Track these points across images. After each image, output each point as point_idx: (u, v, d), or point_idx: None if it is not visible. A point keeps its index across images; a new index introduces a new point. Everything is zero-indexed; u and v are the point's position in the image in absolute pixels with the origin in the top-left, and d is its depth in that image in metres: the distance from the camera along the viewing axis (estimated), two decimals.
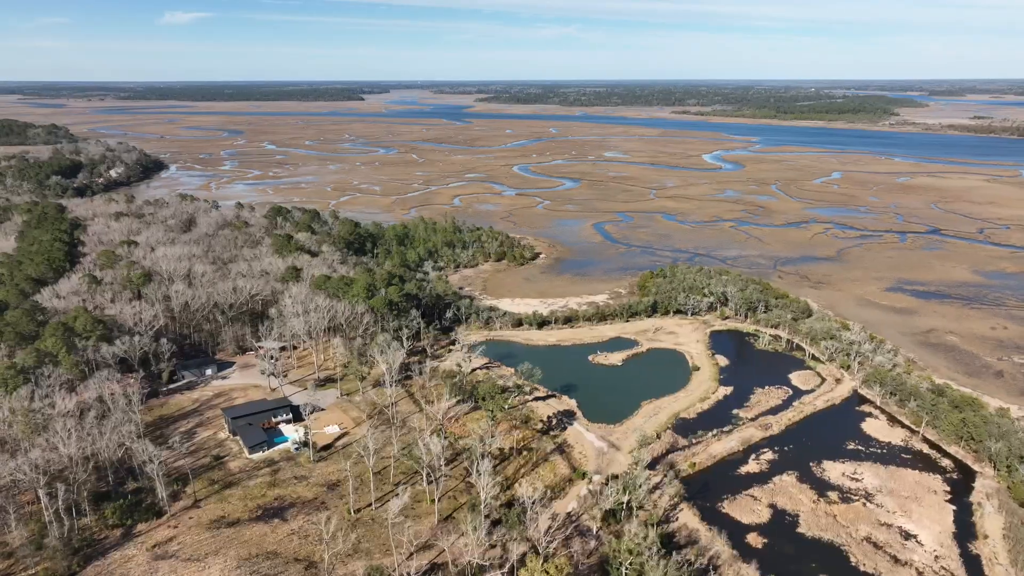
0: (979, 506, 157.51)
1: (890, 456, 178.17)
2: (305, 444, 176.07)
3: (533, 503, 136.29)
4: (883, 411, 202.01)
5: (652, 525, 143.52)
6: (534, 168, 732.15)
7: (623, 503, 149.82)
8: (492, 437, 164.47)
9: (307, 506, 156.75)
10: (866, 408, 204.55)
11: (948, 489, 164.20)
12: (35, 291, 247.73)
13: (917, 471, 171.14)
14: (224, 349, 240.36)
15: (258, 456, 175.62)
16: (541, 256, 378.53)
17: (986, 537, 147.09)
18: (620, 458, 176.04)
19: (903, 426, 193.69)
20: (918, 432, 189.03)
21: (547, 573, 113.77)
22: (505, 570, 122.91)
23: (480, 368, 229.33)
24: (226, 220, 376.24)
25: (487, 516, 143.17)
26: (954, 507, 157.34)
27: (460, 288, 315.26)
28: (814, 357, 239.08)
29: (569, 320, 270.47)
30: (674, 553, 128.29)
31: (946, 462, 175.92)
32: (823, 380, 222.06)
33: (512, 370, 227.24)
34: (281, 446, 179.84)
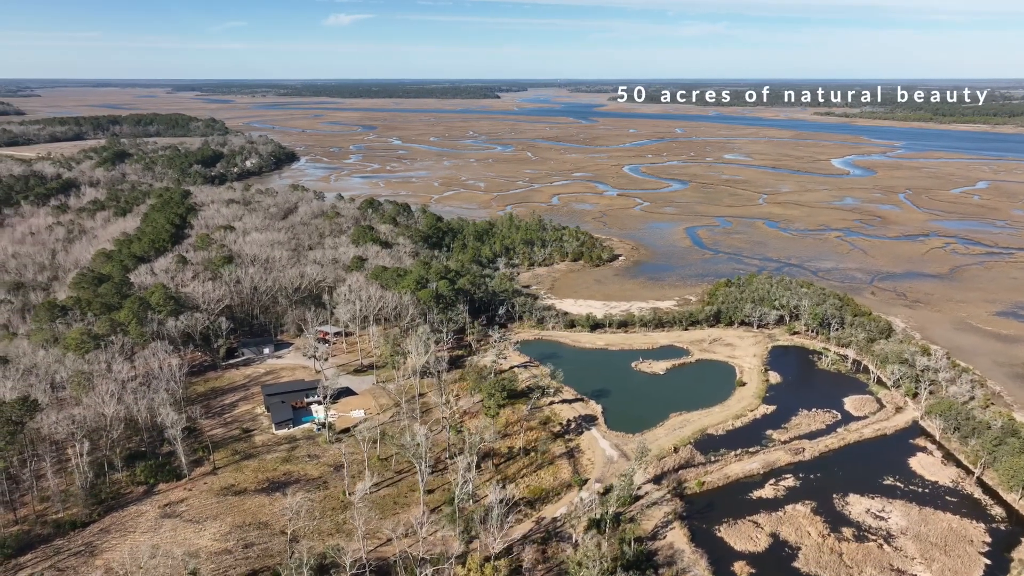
0: (1020, 563, 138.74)
1: (931, 497, 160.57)
2: (323, 425, 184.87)
3: (501, 503, 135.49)
4: (941, 447, 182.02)
5: (629, 540, 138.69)
6: (645, 169, 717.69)
7: (607, 513, 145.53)
8: (480, 435, 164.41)
9: (310, 483, 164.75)
10: (921, 442, 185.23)
11: (988, 541, 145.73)
12: (135, 267, 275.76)
13: (957, 516, 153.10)
14: (287, 331, 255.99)
15: (282, 432, 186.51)
16: (621, 258, 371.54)
17: None
18: (627, 468, 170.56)
19: (959, 465, 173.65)
20: (974, 474, 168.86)
21: (482, 573, 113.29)
22: (446, 565, 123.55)
23: (518, 366, 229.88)
24: (322, 210, 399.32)
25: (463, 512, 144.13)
26: (988, 561, 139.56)
27: (527, 286, 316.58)
28: (879, 381, 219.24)
29: (624, 324, 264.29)
30: (630, 571, 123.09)
31: (997, 511, 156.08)
32: (881, 407, 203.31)
33: (548, 370, 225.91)
34: (305, 425, 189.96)
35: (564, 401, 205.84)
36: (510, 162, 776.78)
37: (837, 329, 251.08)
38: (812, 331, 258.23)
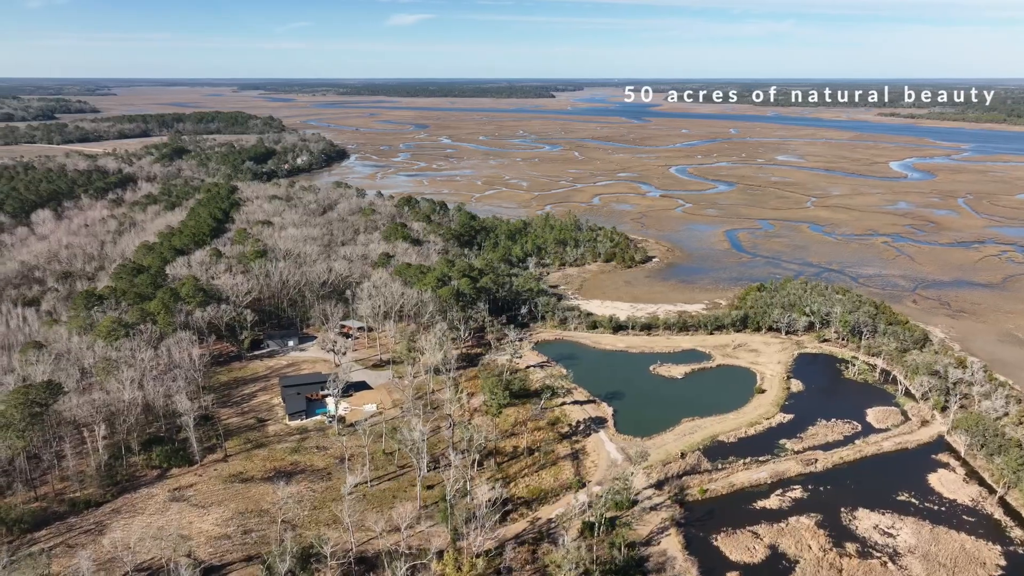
0: None
1: (946, 515, 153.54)
2: (332, 418, 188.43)
3: (490, 502, 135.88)
4: (966, 464, 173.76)
5: (620, 545, 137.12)
6: (692, 170, 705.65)
7: (601, 516, 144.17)
8: (477, 432, 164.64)
9: (314, 474, 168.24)
10: (944, 458, 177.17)
11: (1003, 564, 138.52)
12: (173, 260, 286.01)
13: (972, 537, 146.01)
14: (313, 324, 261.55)
15: (295, 424, 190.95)
16: (654, 259, 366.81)
17: None
18: (625, 472, 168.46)
19: (983, 484, 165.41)
20: (996, 493, 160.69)
21: (459, 569, 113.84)
22: (426, 560, 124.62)
23: (535, 366, 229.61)
24: (360, 207, 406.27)
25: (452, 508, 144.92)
26: None
27: (555, 286, 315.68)
28: (908, 393, 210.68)
29: (648, 327, 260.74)
30: None
31: (1017, 533, 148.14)
32: (906, 420, 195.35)
33: (566, 371, 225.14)
34: (317, 417, 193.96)
35: (576, 402, 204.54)
36: (556, 162, 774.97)
37: (869, 338, 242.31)
38: (843, 339, 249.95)
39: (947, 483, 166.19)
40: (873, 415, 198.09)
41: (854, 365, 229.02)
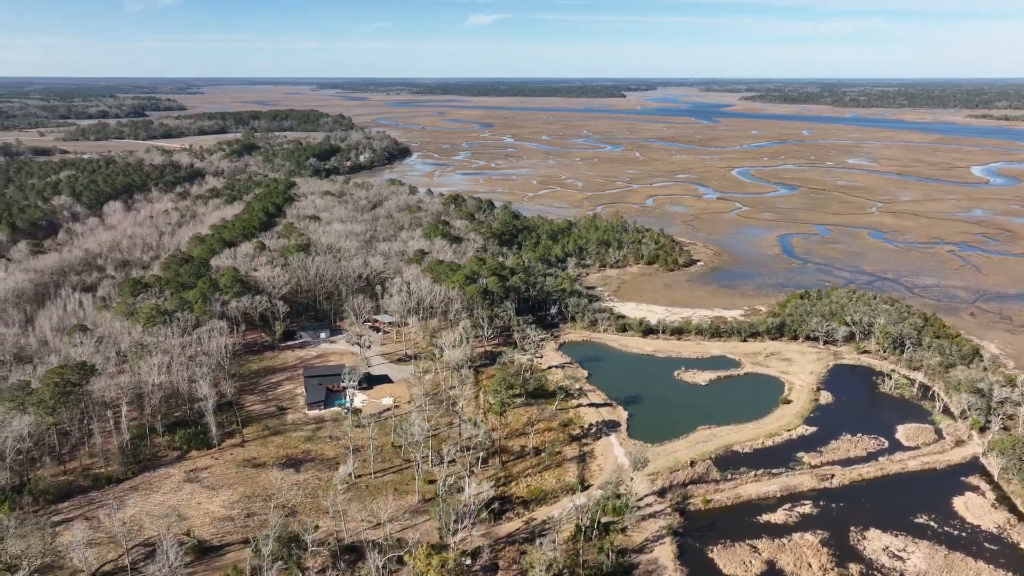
0: None
1: (966, 541, 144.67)
2: (348, 409, 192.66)
3: (477, 499, 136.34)
4: (998, 488, 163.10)
5: (608, 551, 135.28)
6: (755, 172, 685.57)
7: (596, 520, 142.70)
8: (478, 429, 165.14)
9: (323, 463, 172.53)
10: (975, 480, 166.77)
11: None
12: (221, 251, 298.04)
13: (990, 566, 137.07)
14: (347, 317, 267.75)
15: (313, 413, 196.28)
16: (699, 263, 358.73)
17: None
18: (622, 477, 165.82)
19: (1014, 511, 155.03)
20: None
21: (430, 564, 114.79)
22: (402, 553, 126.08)
23: (556, 366, 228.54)
24: (407, 204, 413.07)
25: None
26: None
27: (592, 287, 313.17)
28: (946, 410, 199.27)
29: (679, 331, 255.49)
30: None
31: None
32: (939, 439, 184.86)
33: (587, 372, 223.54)
34: (335, 408, 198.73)
35: (592, 405, 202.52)
36: (615, 162, 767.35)
37: (912, 350, 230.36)
38: (884, 351, 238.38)
39: (973, 507, 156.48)
40: (903, 432, 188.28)
41: (891, 379, 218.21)
